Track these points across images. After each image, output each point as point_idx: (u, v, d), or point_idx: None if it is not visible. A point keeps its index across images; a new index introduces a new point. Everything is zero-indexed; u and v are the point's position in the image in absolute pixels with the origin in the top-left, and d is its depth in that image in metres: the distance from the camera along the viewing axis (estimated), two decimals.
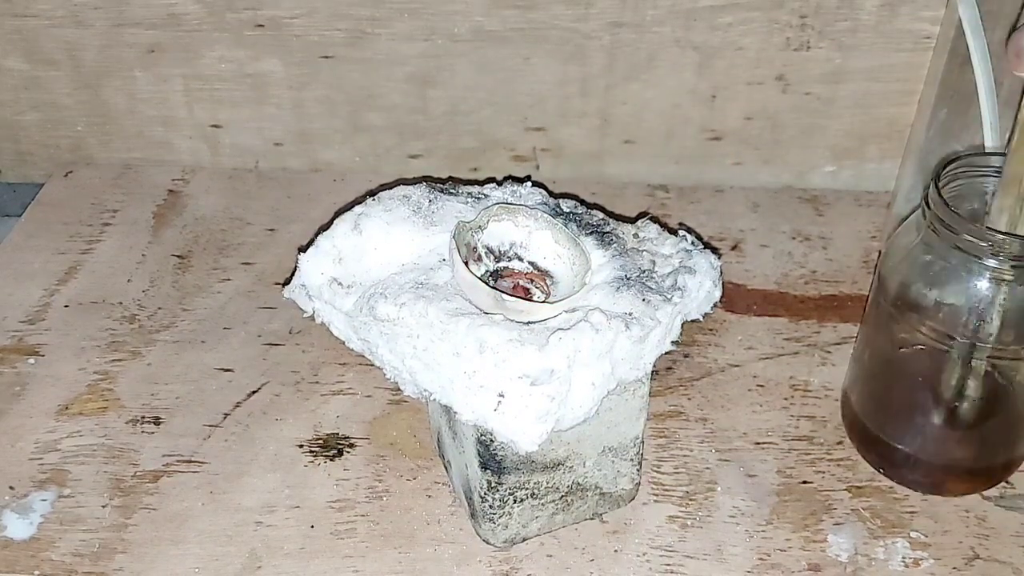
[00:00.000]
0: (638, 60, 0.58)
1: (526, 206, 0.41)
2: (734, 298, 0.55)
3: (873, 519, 0.44)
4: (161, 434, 0.48)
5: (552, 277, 0.41)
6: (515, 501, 0.41)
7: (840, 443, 0.47)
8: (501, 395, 0.35)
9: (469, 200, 0.43)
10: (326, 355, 0.52)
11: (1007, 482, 0.45)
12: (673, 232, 0.43)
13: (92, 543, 0.43)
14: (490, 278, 0.40)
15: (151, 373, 0.51)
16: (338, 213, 0.43)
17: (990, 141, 0.47)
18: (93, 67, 0.60)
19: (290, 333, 0.53)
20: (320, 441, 0.47)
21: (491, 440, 0.38)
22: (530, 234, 0.41)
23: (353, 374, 0.51)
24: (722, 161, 0.63)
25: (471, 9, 0.56)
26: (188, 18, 0.57)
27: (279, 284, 0.56)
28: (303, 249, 0.42)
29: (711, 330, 0.53)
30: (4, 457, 0.47)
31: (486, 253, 0.41)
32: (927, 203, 0.40)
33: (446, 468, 0.45)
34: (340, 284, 0.40)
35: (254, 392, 0.50)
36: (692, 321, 0.41)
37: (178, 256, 0.59)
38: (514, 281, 0.40)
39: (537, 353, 0.35)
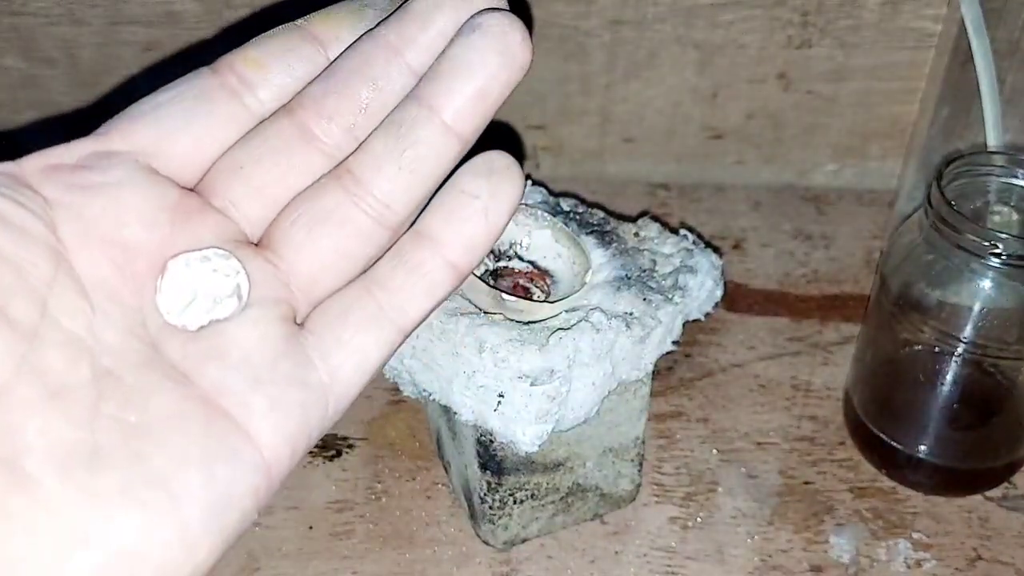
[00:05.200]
0: (639, 58, 0.58)
1: (526, 205, 0.41)
2: (735, 297, 0.55)
3: (875, 520, 0.44)
4: None
5: (552, 276, 0.40)
6: (515, 502, 0.40)
7: (842, 444, 0.47)
8: (501, 395, 0.35)
9: None
10: None
11: (1010, 483, 0.45)
12: (674, 231, 0.43)
13: None
14: (489, 277, 0.40)
15: None
16: None
17: (993, 140, 0.47)
18: (90, 65, 0.60)
19: None
20: (319, 441, 0.47)
21: (491, 440, 0.38)
22: (530, 233, 0.41)
23: None
24: (723, 160, 0.62)
25: None
26: (186, 16, 0.57)
27: None
28: None
29: (712, 330, 0.53)
30: None
31: None
32: (929, 202, 0.40)
33: (445, 469, 0.45)
34: None
35: None
36: (693, 321, 0.40)
37: None
38: (514, 280, 0.40)
39: (537, 353, 0.35)
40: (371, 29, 0.25)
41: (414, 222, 0.25)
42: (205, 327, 0.23)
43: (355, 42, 0.25)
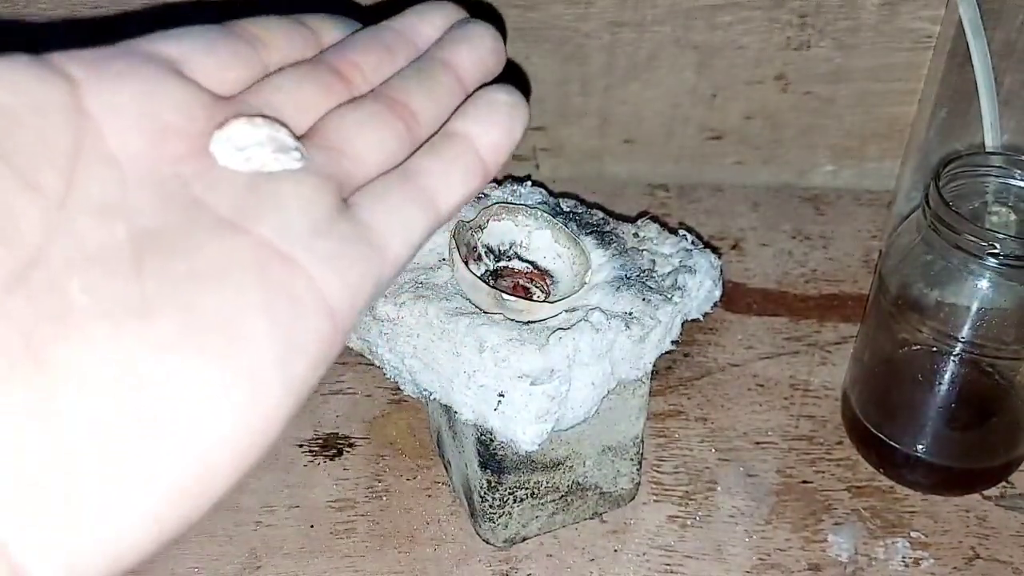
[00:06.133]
0: (638, 59, 0.58)
1: (526, 205, 0.41)
2: (734, 297, 0.55)
3: (873, 519, 0.44)
4: None
5: (552, 276, 0.40)
6: (515, 501, 0.41)
7: (840, 443, 0.47)
8: (501, 395, 0.35)
9: None
10: None
11: (1007, 482, 0.45)
12: (673, 231, 0.43)
13: None
14: (490, 277, 0.40)
15: None
16: None
17: (990, 140, 0.47)
18: None
19: None
20: (320, 440, 0.47)
21: (491, 439, 0.38)
22: (530, 233, 0.41)
23: (353, 373, 0.51)
24: (722, 160, 0.63)
25: (471, 9, 0.56)
26: (188, 18, 0.57)
27: None
28: None
29: (711, 329, 0.53)
30: None
31: (486, 252, 0.41)
32: (927, 202, 0.40)
33: (446, 467, 0.45)
34: None
35: None
36: (692, 320, 0.40)
37: None
38: (514, 280, 0.40)
39: (537, 353, 0.35)
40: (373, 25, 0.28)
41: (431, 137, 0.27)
42: (263, 176, 0.22)
43: (361, 29, 0.28)
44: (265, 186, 0.22)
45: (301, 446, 0.47)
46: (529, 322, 0.37)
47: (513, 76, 0.29)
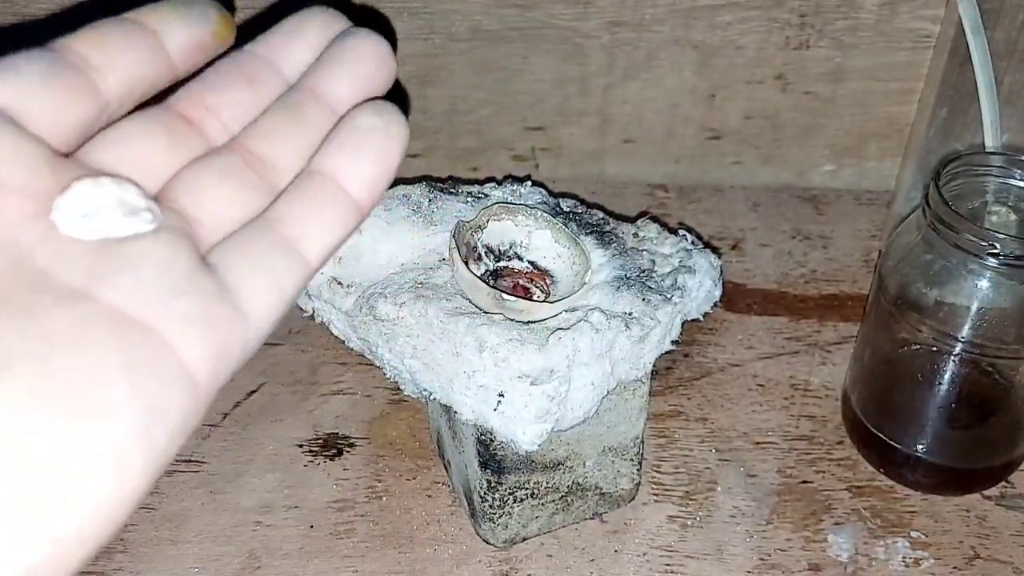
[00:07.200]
0: (637, 59, 0.58)
1: (526, 205, 0.41)
2: (734, 297, 0.55)
3: (873, 519, 0.44)
4: None
5: (552, 276, 0.40)
6: (515, 501, 0.41)
7: (840, 443, 0.47)
8: (501, 395, 0.35)
9: (469, 199, 0.43)
10: (325, 355, 0.52)
11: (1007, 482, 0.45)
12: (673, 231, 0.43)
13: None
14: (490, 277, 0.40)
15: None
16: None
17: (990, 140, 0.47)
18: None
19: (288, 333, 0.53)
20: (319, 441, 0.47)
21: (491, 440, 0.38)
22: (530, 233, 0.41)
23: (352, 374, 0.51)
24: (722, 160, 0.63)
25: (470, 8, 0.56)
26: None
27: None
28: None
29: (711, 330, 0.53)
30: None
31: (486, 252, 0.41)
32: (927, 202, 0.40)
33: (446, 468, 0.45)
34: (339, 283, 0.40)
35: (253, 392, 0.50)
36: (692, 320, 0.40)
37: None
38: (514, 280, 0.40)
39: (537, 353, 0.35)
40: (241, 47, 0.26)
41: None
42: (114, 240, 0.20)
43: (226, 55, 0.25)
44: (117, 250, 0.20)
45: (301, 446, 0.47)
46: (529, 322, 0.37)
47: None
